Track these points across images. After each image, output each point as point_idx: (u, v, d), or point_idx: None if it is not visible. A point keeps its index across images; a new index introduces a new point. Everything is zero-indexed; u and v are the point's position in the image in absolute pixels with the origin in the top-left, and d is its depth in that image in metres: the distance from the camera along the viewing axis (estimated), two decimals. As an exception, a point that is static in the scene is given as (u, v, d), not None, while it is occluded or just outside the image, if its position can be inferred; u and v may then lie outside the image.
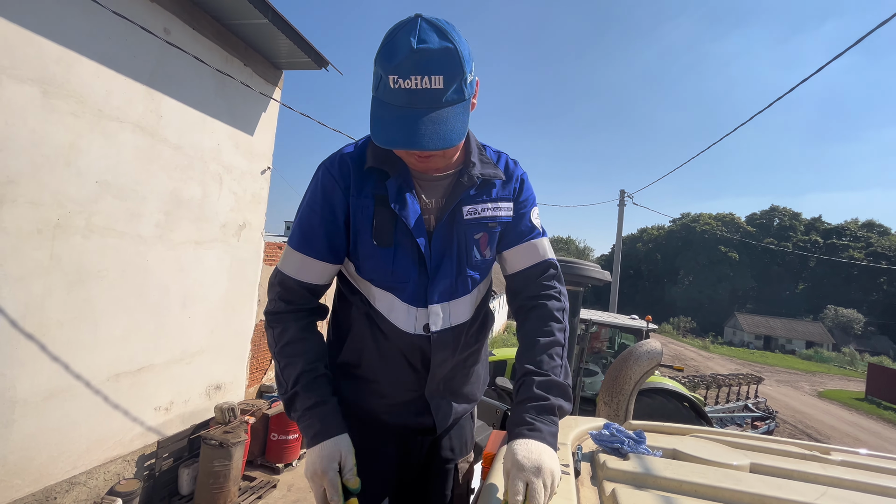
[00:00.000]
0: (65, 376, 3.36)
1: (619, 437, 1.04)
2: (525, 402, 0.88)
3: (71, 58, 3.23)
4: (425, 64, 0.78)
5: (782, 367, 29.38)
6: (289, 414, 0.95)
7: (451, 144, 0.82)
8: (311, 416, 0.89)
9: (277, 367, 0.96)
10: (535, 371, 0.92)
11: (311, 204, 1.00)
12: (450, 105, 0.82)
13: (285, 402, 0.94)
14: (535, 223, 1.08)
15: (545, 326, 0.98)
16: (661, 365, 1.92)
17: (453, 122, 0.83)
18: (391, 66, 0.79)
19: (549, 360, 0.93)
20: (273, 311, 1.00)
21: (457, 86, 0.82)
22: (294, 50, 4.99)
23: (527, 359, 0.95)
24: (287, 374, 0.93)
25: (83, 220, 3.40)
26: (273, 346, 0.98)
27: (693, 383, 10.64)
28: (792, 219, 65.99)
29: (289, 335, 0.96)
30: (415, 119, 0.80)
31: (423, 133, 0.80)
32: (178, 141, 4.17)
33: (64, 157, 3.24)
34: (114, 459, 3.78)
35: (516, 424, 0.85)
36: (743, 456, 1.03)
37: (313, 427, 0.88)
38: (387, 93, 0.81)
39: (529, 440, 0.80)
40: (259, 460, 5.11)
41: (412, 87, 0.79)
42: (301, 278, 0.98)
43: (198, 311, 4.58)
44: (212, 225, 4.69)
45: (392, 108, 0.81)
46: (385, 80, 0.80)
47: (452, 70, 0.80)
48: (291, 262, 0.99)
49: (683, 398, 5.99)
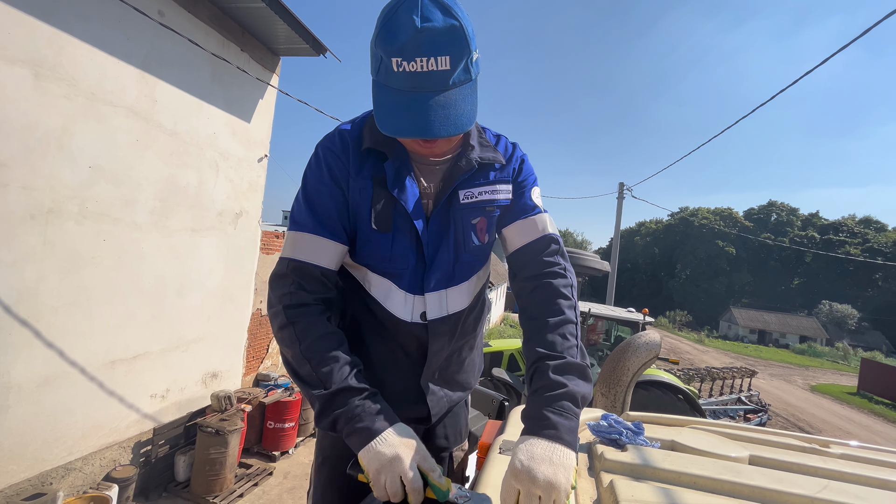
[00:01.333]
0: (60, 363, 3.34)
1: (617, 428, 1.03)
2: (540, 392, 0.79)
3: (63, 40, 3.16)
4: (431, 44, 0.72)
5: (776, 361, 29.65)
6: (326, 414, 0.80)
7: (462, 129, 0.77)
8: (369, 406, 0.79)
9: (307, 366, 0.83)
10: (547, 354, 0.83)
11: (316, 183, 0.93)
12: (457, 86, 0.77)
13: (323, 402, 0.80)
14: (535, 202, 1.04)
15: (553, 305, 0.90)
16: (657, 358, 1.91)
17: (462, 106, 0.78)
18: (394, 48, 0.73)
19: (563, 341, 0.85)
20: (293, 305, 0.87)
21: (464, 65, 0.77)
22: (292, 36, 4.91)
23: (537, 341, 0.86)
24: (325, 370, 0.81)
25: (76, 206, 3.35)
26: (296, 344, 0.84)
27: (688, 376, 10.71)
28: (789, 214, 66.10)
29: (318, 329, 0.86)
30: (423, 104, 0.75)
31: (432, 119, 0.75)
32: (173, 126, 4.11)
33: (56, 141, 3.18)
34: (110, 446, 3.78)
35: (530, 418, 0.77)
36: (742, 448, 1.02)
37: (376, 416, 0.77)
38: (390, 77, 0.76)
39: (539, 440, 0.73)
40: (255, 448, 5.13)
41: (418, 70, 0.73)
42: (319, 262, 0.90)
43: (194, 299, 4.56)
44: (208, 212, 4.64)
45: (396, 94, 0.76)
46: (387, 63, 0.75)
47: (459, 49, 0.75)
48: (304, 246, 0.90)
49: (678, 391, 6.03)
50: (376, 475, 0.73)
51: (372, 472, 0.73)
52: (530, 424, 0.76)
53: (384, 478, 0.72)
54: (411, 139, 0.86)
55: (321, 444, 1.08)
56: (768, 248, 59.37)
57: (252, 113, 5.15)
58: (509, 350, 6.97)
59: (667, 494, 0.75)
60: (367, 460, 0.74)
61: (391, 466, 0.72)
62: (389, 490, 0.72)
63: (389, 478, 0.72)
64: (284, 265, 0.91)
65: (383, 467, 0.72)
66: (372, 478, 0.74)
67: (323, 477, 1.05)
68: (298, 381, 0.85)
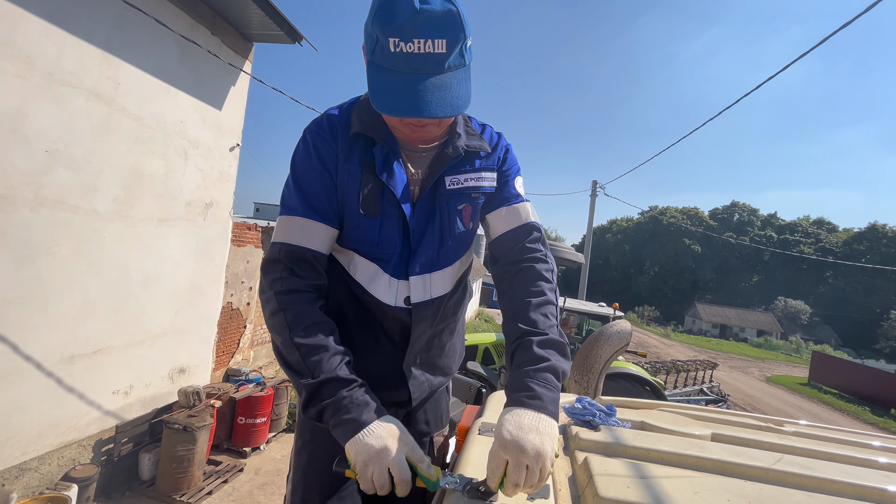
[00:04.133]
0: (13, 358, 3.16)
1: (590, 410, 1.07)
2: (524, 365, 0.81)
3: (16, 14, 2.96)
4: (428, 26, 0.73)
5: (735, 354, 31.15)
6: (312, 404, 0.80)
7: (458, 111, 0.78)
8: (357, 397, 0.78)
9: (296, 354, 0.83)
10: (531, 331, 0.85)
11: (305, 167, 0.93)
12: (453, 70, 0.79)
13: (311, 391, 0.80)
14: (518, 190, 1.06)
15: (534, 287, 0.93)
16: (626, 350, 1.99)
17: (458, 89, 0.79)
18: (391, 28, 0.74)
19: (545, 319, 0.88)
20: (284, 291, 0.87)
21: (459, 50, 0.78)
22: (266, 21, 4.76)
23: (520, 319, 0.88)
24: (314, 359, 0.81)
25: (31, 192, 3.16)
26: (286, 332, 0.84)
27: (654, 368, 11.14)
28: (750, 214, 69.39)
29: (309, 317, 0.86)
30: (419, 85, 0.75)
31: (429, 100, 0.76)
32: (138, 111, 3.93)
33: (9, 124, 2.99)
34: (68, 444, 3.61)
35: (514, 390, 0.79)
36: (705, 427, 1.08)
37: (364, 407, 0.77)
38: (386, 57, 0.76)
39: (525, 410, 0.75)
40: (225, 444, 5.00)
41: (414, 52, 0.74)
42: (310, 245, 0.90)
43: (160, 292, 4.39)
44: (176, 202, 4.47)
45: (392, 74, 0.77)
46: (383, 43, 0.75)
47: (455, 33, 0.76)
48: (297, 231, 0.90)
49: (646, 382, 6.28)
50: (364, 467, 0.72)
51: (359, 465, 0.73)
52: (516, 396, 0.78)
53: (372, 470, 0.72)
54: (403, 124, 0.87)
55: (301, 428, 1.08)
56: (731, 247, 62.20)
57: (223, 100, 4.98)
58: (484, 344, 7.05)
59: (636, 468, 0.78)
60: (355, 452, 0.73)
61: (379, 458, 0.72)
62: (377, 482, 0.72)
63: (377, 470, 0.72)
64: (276, 250, 0.91)
65: (371, 459, 0.72)
66: (359, 470, 0.73)
67: (302, 461, 1.05)
68: (287, 368, 0.85)
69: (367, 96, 0.98)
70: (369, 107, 0.95)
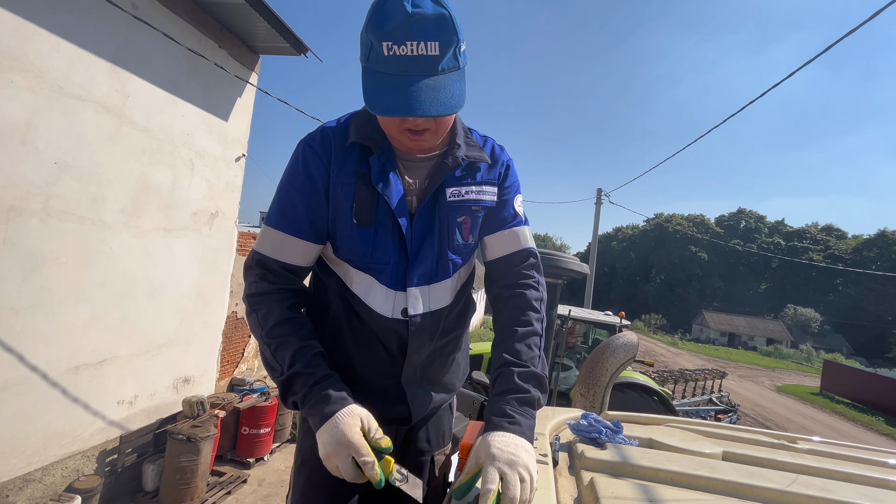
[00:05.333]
0: (19, 368, 3.17)
1: (596, 426, 1.04)
2: (505, 394, 0.87)
3: (28, 29, 3.02)
4: (421, 29, 0.75)
5: (744, 363, 30.70)
6: (286, 398, 0.87)
7: (451, 111, 0.79)
8: (320, 390, 0.83)
9: (267, 351, 0.90)
10: (513, 361, 0.90)
11: (290, 179, 0.95)
12: (446, 72, 0.80)
13: (282, 385, 0.87)
14: (517, 210, 1.06)
15: (523, 316, 0.97)
16: (635, 359, 1.95)
17: (451, 89, 0.80)
18: (384, 33, 0.75)
19: (528, 351, 0.92)
20: (255, 293, 0.94)
21: (452, 53, 0.79)
22: (272, 34, 4.83)
23: (505, 348, 0.93)
24: (281, 355, 0.87)
25: (40, 204, 3.20)
26: (259, 330, 0.91)
27: (662, 378, 11.00)
28: (757, 221, 68.82)
29: (276, 315, 0.91)
30: (412, 85, 0.76)
31: (422, 99, 0.76)
32: (145, 123, 3.98)
33: (20, 136, 3.03)
34: (72, 455, 3.61)
35: (495, 415, 0.84)
36: (715, 445, 1.05)
37: (326, 400, 0.82)
38: (380, 61, 0.77)
39: (507, 433, 0.80)
40: (229, 455, 4.98)
41: (407, 54, 0.75)
42: (281, 258, 0.93)
43: (166, 302, 4.40)
44: (182, 212, 4.50)
45: (386, 77, 0.78)
46: (377, 48, 0.77)
47: (447, 36, 0.77)
48: (270, 242, 0.94)
49: (653, 392, 6.18)
50: (326, 461, 0.79)
51: (323, 458, 0.79)
52: (498, 420, 0.83)
53: (334, 463, 0.78)
54: (400, 131, 0.87)
55: (301, 446, 1.06)
56: (738, 254, 61.65)
57: (230, 111, 5.03)
58: (489, 353, 6.99)
59: (645, 490, 0.76)
60: (319, 446, 0.80)
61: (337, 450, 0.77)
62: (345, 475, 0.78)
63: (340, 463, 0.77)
64: (252, 257, 0.96)
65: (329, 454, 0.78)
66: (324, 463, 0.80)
67: (302, 479, 1.03)
68: (266, 365, 0.92)
69: (365, 109, 0.98)
70: (367, 117, 0.96)
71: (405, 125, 0.85)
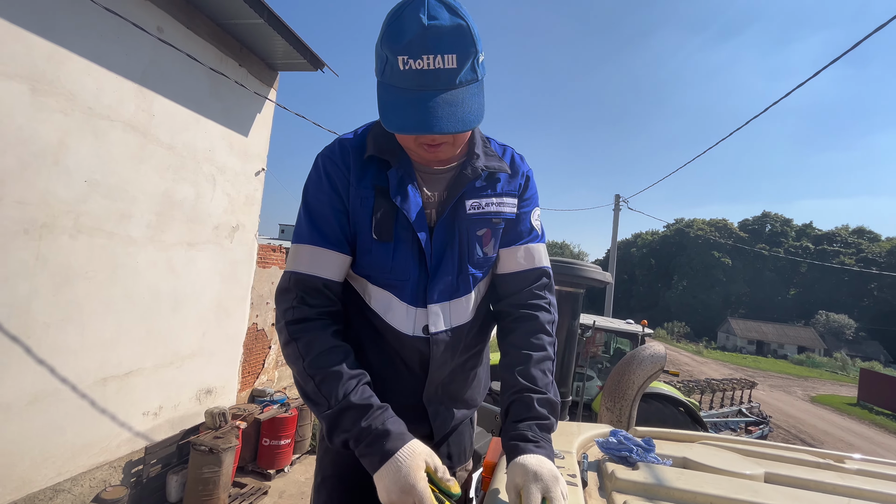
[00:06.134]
0: (50, 380, 3.27)
1: (626, 444, 1.00)
2: (528, 420, 0.86)
3: (61, 55, 3.16)
4: (437, 42, 0.72)
5: (775, 372, 29.52)
6: (334, 435, 0.79)
7: (469, 126, 0.77)
8: (377, 424, 0.76)
9: (310, 384, 0.81)
10: (532, 388, 0.89)
11: (316, 193, 0.92)
12: (464, 85, 0.77)
13: (330, 421, 0.79)
14: (534, 225, 1.04)
15: (537, 340, 0.95)
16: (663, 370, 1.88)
17: (470, 104, 0.77)
18: (400, 47, 0.73)
19: (543, 377, 0.91)
20: (295, 320, 0.86)
21: (470, 65, 0.77)
22: (290, 51, 4.95)
23: (521, 373, 0.92)
24: (328, 388, 0.80)
25: (71, 221, 3.32)
26: (300, 361, 0.83)
27: (688, 388, 10.63)
28: (783, 225, 66.67)
29: (320, 344, 0.84)
30: (429, 101, 0.74)
31: (439, 115, 0.74)
32: (170, 140, 4.10)
33: (52, 156, 3.16)
34: (100, 466, 3.68)
35: (521, 439, 0.83)
36: (756, 465, 0.99)
37: (385, 436, 0.75)
38: (395, 76, 0.75)
39: (539, 455, 0.79)
40: (250, 466, 5.00)
41: (424, 68, 0.73)
42: (321, 274, 0.89)
43: (189, 314, 4.49)
44: (204, 226, 4.61)
45: (402, 92, 0.75)
46: (392, 62, 0.74)
47: (465, 48, 0.74)
48: (307, 259, 0.89)
49: (679, 403, 5.97)
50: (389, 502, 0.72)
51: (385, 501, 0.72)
52: (525, 445, 0.82)
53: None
54: (416, 144, 0.85)
55: (321, 463, 1.04)
56: (764, 259, 59.72)
57: (250, 127, 5.16)
58: None
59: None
60: (379, 490, 0.73)
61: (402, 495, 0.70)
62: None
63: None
64: (287, 279, 0.90)
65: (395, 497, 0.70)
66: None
67: (322, 498, 1.01)
68: (306, 399, 0.84)
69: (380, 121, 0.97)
70: (384, 129, 0.93)
71: (422, 139, 0.83)
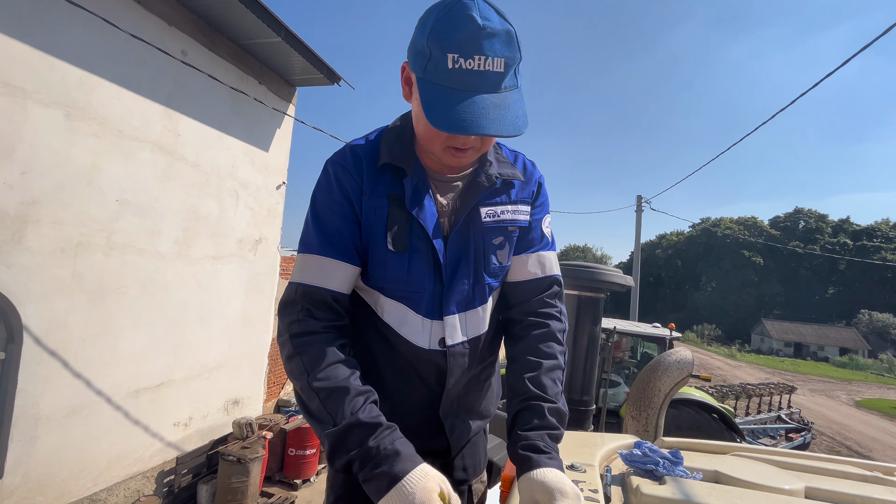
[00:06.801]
0: (86, 392, 3.40)
1: (652, 457, 0.95)
2: (538, 429, 0.83)
3: (93, 81, 3.33)
4: (490, 44, 0.71)
5: (815, 376, 28.13)
6: (336, 457, 0.73)
7: (520, 131, 0.75)
8: (387, 445, 0.71)
9: (315, 401, 0.76)
10: (542, 396, 0.86)
11: (325, 202, 0.89)
12: (508, 91, 0.76)
13: (334, 440, 0.73)
14: (545, 232, 1.02)
15: (547, 348, 0.92)
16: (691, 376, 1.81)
17: (516, 109, 0.75)
18: (451, 43, 0.70)
19: (553, 386, 0.88)
20: (299, 333, 0.82)
21: (514, 71, 0.76)
22: (307, 66, 5.07)
23: (531, 380, 0.88)
24: (333, 404, 0.75)
25: (104, 238, 3.46)
26: (303, 376, 0.78)
27: (721, 393, 10.21)
28: (818, 221, 63.79)
29: (326, 358, 0.79)
30: (479, 103, 0.72)
31: (491, 117, 0.72)
32: (195, 158, 4.25)
33: (86, 177, 3.32)
34: (134, 476, 3.79)
35: (535, 450, 0.79)
36: (795, 478, 0.93)
37: (394, 457, 0.70)
38: (440, 73, 0.73)
39: (555, 470, 0.76)
40: (277, 476, 5.06)
41: (474, 69, 0.71)
42: (328, 286, 0.85)
43: (215, 326, 4.61)
44: (228, 240, 4.74)
45: (448, 91, 0.73)
46: (439, 59, 0.72)
47: (512, 53, 0.74)
48: (313, 269, 0.85)
49: (712, 409, 5.74)
50: None
51: None
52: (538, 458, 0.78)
53: None
54: (443, 149, 0.82)
55: (332, 483, 1.00)
56: (798, 257, 57.23)
57: (270, 142, 5.30)
58: None
59: (715, 535, 0.67)
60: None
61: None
62: None
63: None
64: (293, 290, 0.86)
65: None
66: None
67: None
68: (309, 416, 0.79)
69: (394, 126, 0.95)
70: (398, 135, 0.92)
71: (451, 142, 0.80)
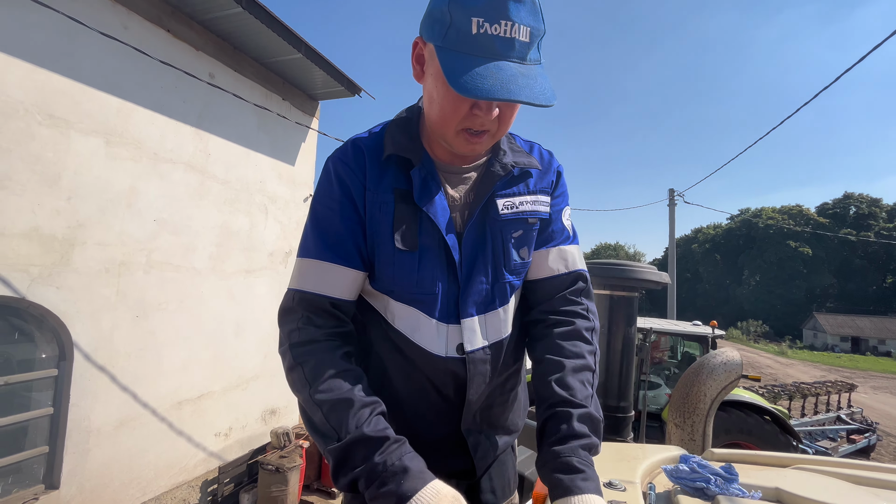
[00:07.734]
0: (133, 405, 3.55)
1: (702, 473, 0.86)
2: (570, 440, 0.73)
3: (129, 108, 3.50)
4: (516, 10, 0.67)
5: (877, 372, 26.11)
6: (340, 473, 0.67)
7: (550, 101, 0.70)
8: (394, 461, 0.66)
9: (318, 414, 0.71)
10: (570, 401, 0.77)
11: (325, 201, 0.83)
12: (533, 64, 0.71)
13: (338, 456, 0.68)
14: (566, 224, 0.94)
15: (574, 347, 0.84)
16: (741, 377, 1.68)
17: (542, 81, 0.70)
18: (476, 8, 0.66)
19: (583, 389, 0.80)
20: (300, 343, 0.77)
21: (537, 45, 0.72)
22: (328, 80, 5.17)
23: (557, 382, 0.80)
24: (337, 417, 0.69)
25: (144, 257, 3.62)
26: (305, 388, 0.74)
27: (773, 394, 9.60)
28: (871, 205, 59.49)
29: (328, 369, 0.74)
30: (505, 69, 0.68)
31: (520, 84, 0.67)
32: (225, 176, 4.40)
33: (125, 200, 3.48)
34: (179, 485, 3.92)
35: (568, 470, 0.70)
36: (872, 496, 0.82)
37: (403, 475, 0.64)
38: (463, 40, 0.68)
39: (592, 496, 0.66)
40: (315, 485, 5.12)
41: (500, 34, 0.67)
42: (329, 293, 0.79)
43: (251, 338, 4.73)
44: (260, 253, 4.87)
45: (472, 58, 0.68)
46: (462, 24, 0.67)
47: (537, 24, 0.70)
48: (312, 276, 0.80)
49: (764, 411, 5.38)
50: None
51: None
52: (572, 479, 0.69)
53: None
54: (456, 133, 0.77)
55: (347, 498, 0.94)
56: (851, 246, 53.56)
57: (295, 156, 5.43)
58: None
59: (782, 566, 0.59)
60: None
61: None
62: None
63: None
64: (290, 297, 0.81)
65: None
66: None
67: None
68: (313, 431, 0.73)
69: (400, 116, 0.90)
70: (404, 126, 0.87)
71: (468, 122, 0.74)
